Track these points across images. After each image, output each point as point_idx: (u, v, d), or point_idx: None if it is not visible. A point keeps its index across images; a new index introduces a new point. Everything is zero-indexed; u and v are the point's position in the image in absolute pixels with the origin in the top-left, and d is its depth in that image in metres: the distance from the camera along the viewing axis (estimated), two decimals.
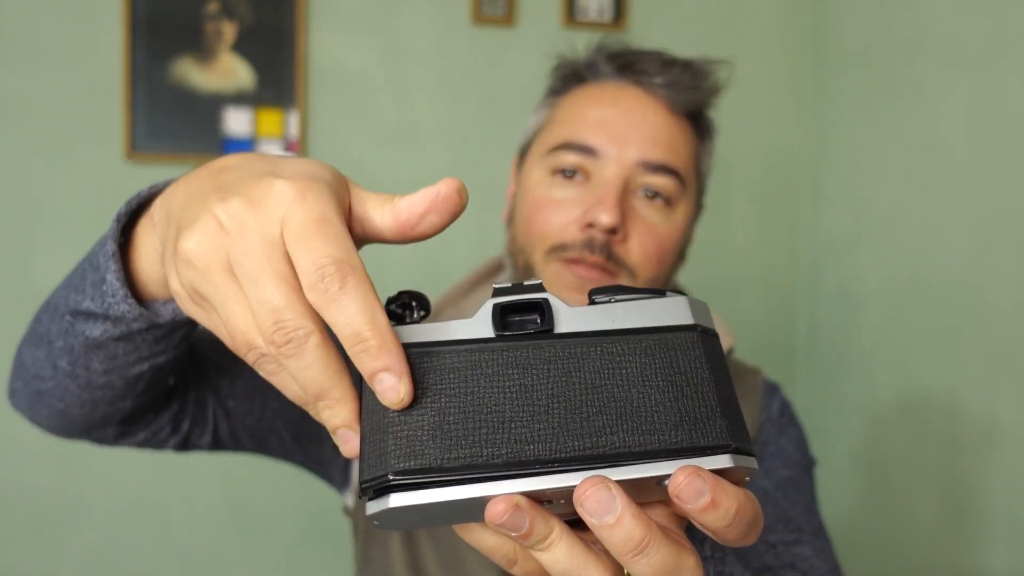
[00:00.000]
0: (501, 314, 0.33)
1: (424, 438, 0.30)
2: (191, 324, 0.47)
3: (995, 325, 1.27)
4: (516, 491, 0.29)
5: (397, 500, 0.30)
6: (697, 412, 0.31)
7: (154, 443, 0.64)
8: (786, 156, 1.83)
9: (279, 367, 0.32)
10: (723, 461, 0.30)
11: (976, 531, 1.29)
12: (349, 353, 0.31)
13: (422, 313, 0.36)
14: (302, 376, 0.31)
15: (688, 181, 0.71)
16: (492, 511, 0.29)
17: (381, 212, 0.35)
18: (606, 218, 0.64)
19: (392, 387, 0.30)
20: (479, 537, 0.33)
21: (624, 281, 0.67)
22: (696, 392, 0.32)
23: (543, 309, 0.33)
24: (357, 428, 0.32)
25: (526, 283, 0.34)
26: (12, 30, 1.52)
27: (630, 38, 0.75)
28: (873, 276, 1.58)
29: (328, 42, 1.63)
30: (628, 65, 0.71)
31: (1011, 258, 1.25)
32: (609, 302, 0.34)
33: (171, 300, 0.43)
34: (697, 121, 0.73)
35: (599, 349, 0.32)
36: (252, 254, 0.31)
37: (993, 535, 1.26)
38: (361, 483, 0.31)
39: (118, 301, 0.43)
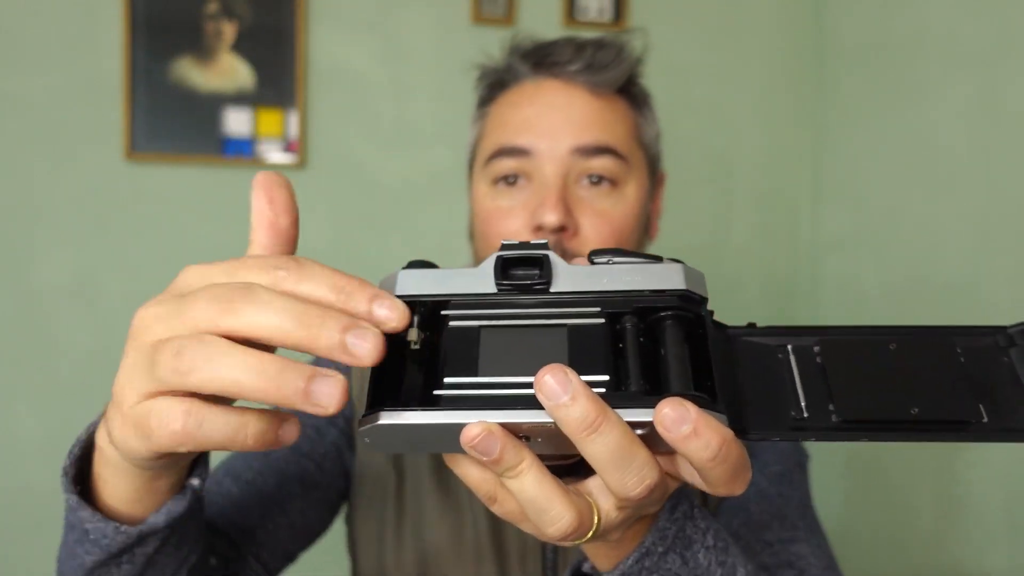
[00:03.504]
0: (504, 266, 0.36)
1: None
2: (191, 513, 0.43)
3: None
4: (493, 420, 0.32)
5: (386, 418, 0.32)
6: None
7: None
8: (786, 156, 1.83)
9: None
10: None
11: (975, 531, 1.29)
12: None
13: None
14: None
15: (631, 156, 0.70)
16: (466, 434, 0.31)
17: None
18: (551, 217, 0.64)
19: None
20: (465, 470, 0.35)
21: None
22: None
23: (542, 264, 0.36)
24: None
25: (533, 242, 0.37)
26: (12, 30, 1.52)
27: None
28: (873, 276, 1.58)
29: (328, 42, 1.63)
30: (541, 60, 0.71)
31: (1011, 258, 1.24)
32: (607, 263, 0.36)
33: (161, 506, 0.40)
34: (629, 94, 0.72)
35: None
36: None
37: (992, 535, 1.26)
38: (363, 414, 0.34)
39: (110, 536, 0.39)
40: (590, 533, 0.34)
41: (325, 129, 1.63)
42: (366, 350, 0.30)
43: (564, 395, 0.30)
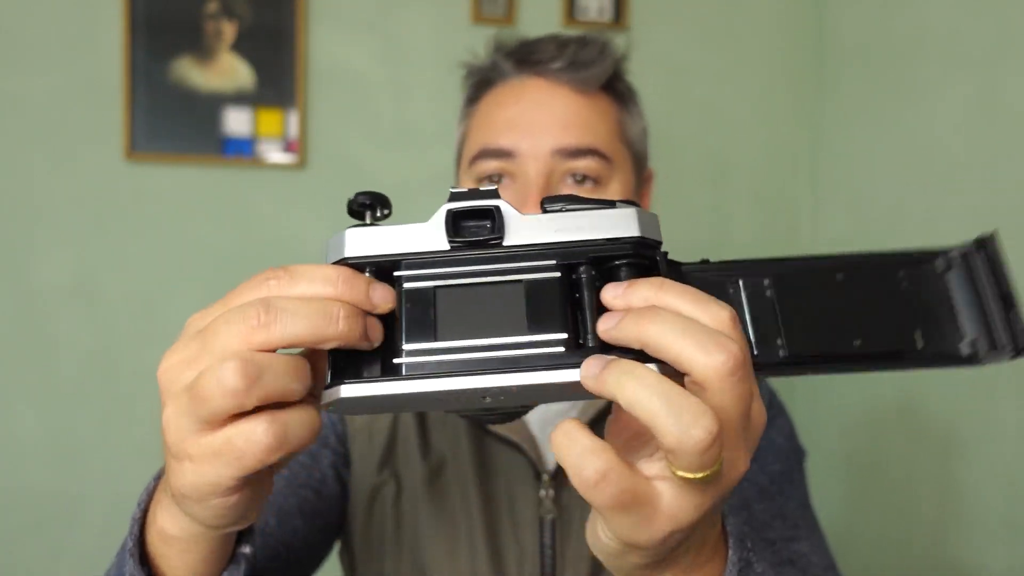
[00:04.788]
0: (454, 220, 0.36)
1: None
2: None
3: None
4: (456, 387, 0.32)
5: (347, 391, 0.32)
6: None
7: None
8: (786, 156, 1.83)
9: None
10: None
11: (975, 531, 1.29)
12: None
13: (386, 212, 0.39)
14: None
15: (615, 155, 0.69)
16: (585, 373, 0.32)
17: None
18: None
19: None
20: (566, 451, 0.33)
21: None
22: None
23: (494, 216, 0.35)
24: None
25: (482, 188, 0.36)
26: (12, 30, 1.52)
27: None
28: None
29: (328, 42, 1.63)
30: (525, 58, 0.71)
31: (1011, 258, 1.24)
32: (560, 211, 0.36)
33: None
34: (613, 90, 0.72)
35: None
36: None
37: (992, 535, 1.26)
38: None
39: None
40: (717, 463, 0.30)
41: (325, 129, 1.63)
42: (378, 337, 0.34)
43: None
